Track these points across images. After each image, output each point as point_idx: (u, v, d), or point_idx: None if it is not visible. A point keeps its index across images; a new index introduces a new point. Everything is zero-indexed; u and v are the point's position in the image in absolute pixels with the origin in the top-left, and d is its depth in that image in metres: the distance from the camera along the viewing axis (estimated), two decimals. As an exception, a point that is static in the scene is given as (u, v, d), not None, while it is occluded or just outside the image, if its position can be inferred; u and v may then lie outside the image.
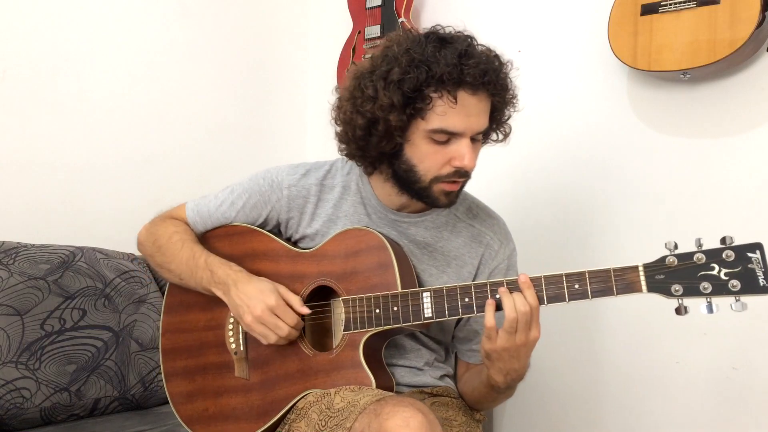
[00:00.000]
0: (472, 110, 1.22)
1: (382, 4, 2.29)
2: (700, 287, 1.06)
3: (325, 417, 1.15)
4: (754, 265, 1.03)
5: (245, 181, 1.45)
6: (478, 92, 1.21)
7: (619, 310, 1.93)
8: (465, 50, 1.21)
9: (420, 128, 1.24)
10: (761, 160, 1.74)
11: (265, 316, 1.26)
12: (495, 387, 1.28)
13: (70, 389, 1.66)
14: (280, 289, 1.30)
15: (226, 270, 1.34)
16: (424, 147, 1.25)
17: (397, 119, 1.22)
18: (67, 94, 2.06)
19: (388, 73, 1.22)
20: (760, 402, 1.74)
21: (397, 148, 1.27)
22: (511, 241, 1.44)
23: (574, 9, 2.05)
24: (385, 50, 1.27)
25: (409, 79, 1.20)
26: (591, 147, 2.00)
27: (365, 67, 1.28)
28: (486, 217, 1.44)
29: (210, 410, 1.38)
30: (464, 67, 1.19)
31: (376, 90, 1.23)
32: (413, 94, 1.20)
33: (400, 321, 1.23)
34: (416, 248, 1.38)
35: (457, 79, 1.19)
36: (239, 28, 2.52)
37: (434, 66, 1.19)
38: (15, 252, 1.72)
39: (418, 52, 1.21)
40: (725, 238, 1.05)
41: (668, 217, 1.85)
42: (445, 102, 1.20)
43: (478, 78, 1.19)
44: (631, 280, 1.09)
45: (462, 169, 1.25)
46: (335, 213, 1.39)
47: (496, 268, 1.40)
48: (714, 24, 1.64)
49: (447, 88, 1.19)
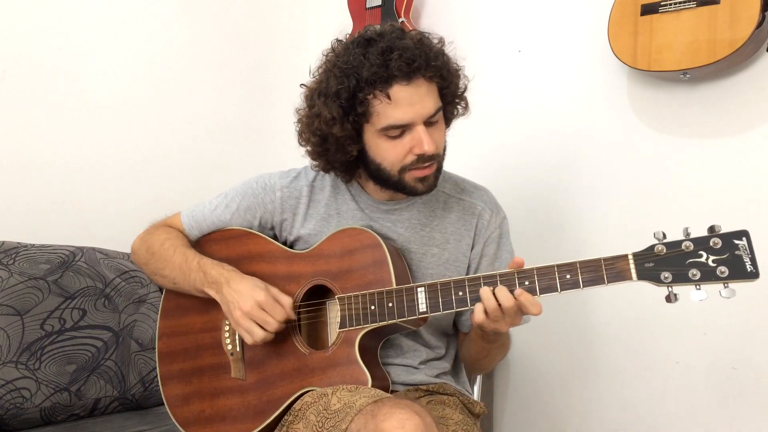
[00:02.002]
0: (413, 98, 1.24)
1: (382, 4, 2.29)
2: (688, 274, 1.07)
3: (323, 418, 1.16)
4: (741, 252, 1.05)
5: (238, 186, 1.48)
6: (413, 80, 1.23)
7: (619, 310, 1.93)
8: (387, 46, 1.22)
9: (370, 130, 1.27)
10: (761, 160, 1.74)
11: (254, 311, 1.28)
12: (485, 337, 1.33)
13: (70, 389, 1.66)
14: (270, 288, 1.32)
15: (218, 270, 1.36)
16: (382, 144, 1.28)
17: (341, 131, 1.26)
18: (67, 94, 2.06)
19: (326, 88, 1.27)
20: (760, 402, 1.74)
21: (359, 153, 1.31)
22: (501, 210, 1.47)
23: (574, 9, 2.05)
24: (323, 65, 1.31)
25: (342, 89, 1.23)
26: (591, 147, 2.00)
27: (311, 86, 1.33)
28: (473, 189, 1.47)
29: (206, 412, 1.38)
30: (389, 62, 1.21)
31: (319, 106, 1.27)
32: (350, 102, 1.24)
33: (395, 317, 1.24)
34: (414, 231, 1.39)
35: (386, 76, 1.21)
36: (239, 28, 2.52)
37: (361, 70, 1.22)
38: (15, 252, 1.73)
39: (346, 60, 1.24)
40: (713, 227, 1.07)
41: (667, 215, 1.85)
42: (382, 101, 1.23)
43: (406, 68, 1.21)
44: (621, 269, 1.11)
45: (424, 154, 1.27)
46: (327, 211, 1.41)
47: (489, 237, 1.43)
48: (714, 24, 1.63)
49: (378, 88, 1.22)
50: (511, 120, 2.15)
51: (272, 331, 1.28)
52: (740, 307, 1.66)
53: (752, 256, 1.05)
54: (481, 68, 2.20)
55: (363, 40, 1.26)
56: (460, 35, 2.27)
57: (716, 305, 1.21)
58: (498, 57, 2.19)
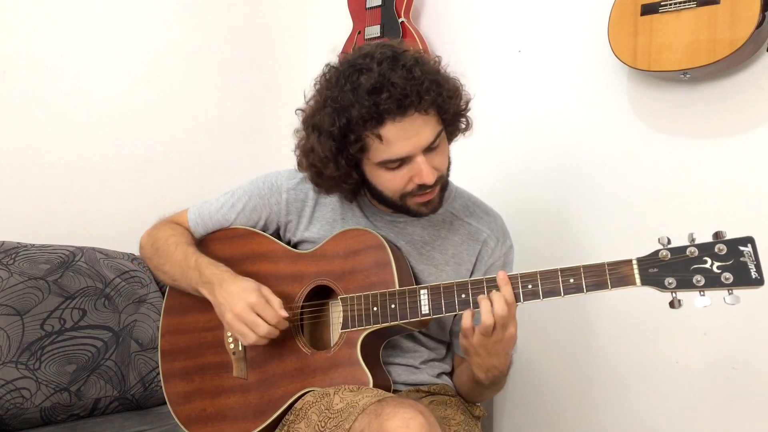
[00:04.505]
0: (408, 132, 1.20)
1: (382, 4, 2.29)
2: (693, 280, 1.07)
3: (325, 418, 1.15)
4: (746, 258, 1.05)
5: (245, 185, 1.46)
6: (406, 116, 1.18)
7: (619, 310, 1.93)
8: (376, 84, 1.17)
9: (368, 163, 1.25)
10: (761, 160, 1.74)
11: (244, 314, 1.26)
12: (479, 382, 1.30)
13: (70, 389, 1.66)
14: (263, 289, 1.29)
15: (212, 270, 1.34)
16: (381, 176, 1.26)
17: (335, 170, 1.25)
18: (67, 94, 2.06)
19: (319, 122, 1.24)
20: (760, 402, 1.74)
21: (359, 181, 1.29)
22: (508, 239, 1.45)
23: (574, 9, 2.05)
24: (317, 94, 1.27)
25: (335, 129, 1.20)
26: (591, 147, 2.00)
27: (306, 113, 1.30)
28: (483, 215, 1.45)
29: (208, 410, 1.38)
30: (379, 104, 1.16)
31: (313, 141, 1.25)
32: (343, 142, 1.22)
33: (398, 318, 1.24)
34: (414, 247, 1.38)
35: (377, 117, 1.17)
36: (239, 28, 2.52)
37: (351, 110, 1.18)
38: (15, 252, 1.72)
39: (336, 98, 1.21)
40: (718, 233, 1.07)
41: (667, 216, 1.85)
42: (374, 140, 1.20)
43: (397, 107, 1.17)
44: (624, 274, 1.10)
45: (424, 184, 1.25)
46: (333, 216, 1.41)
47: (492, 265, 1.41)
48: (714, 24, 1.64)
49: (369, 129, 1.19)
50: (511, 120, 2.15)
51: (262, 335, 1.26)
52: (740, 307, 1.63)
53: (757, 263, 1.04)
54: (480, 68, 2.21)
55: (353, 71, 1.20)
56: (460, 35, 2.28)
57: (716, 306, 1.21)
58: (498, 57, 2.19)
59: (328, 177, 1.28)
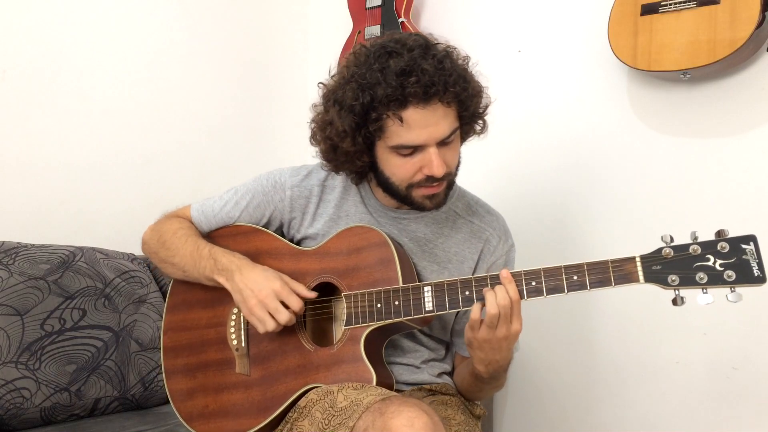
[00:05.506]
0: (428, 121, 1.21)
1: (382, 4, 2.29)
2: (696, 277, 1.08)
3: (329, 415, 1.15)
4: (749, 256, 1.06)
5: (249, 182, 1.46)
6: (429, 104, 1.20)
7: (619, 310, 1.93)
8: (406, 67, 1.18)
9: (382, 146, 1.26)
10: (761, 160, 1.74)
11: (268, 300, 1.27)
12: (479, 377, 1.31)
13: (70, 389, 1.66)
14: (283, 276, 1.31)
15: (229, 257, 1.35)
16: (392, 160, 1.26)
17: (351, 145, 1.25)
18: (67, 94, 2.06)
19: (341, 97, 1.24)
20: (760, 402, 1.74)
21: (369, 163, 1.30)
22: (509, 238, 1.46)
23: (574, 9, 2.05)
24: (343, 70, 1.28)
25: (357, 104, 1.21)
26: (591, 147, 2.00)
27: (328, 87, 1.30)
28: (485, 214, 1.46)
29: (210, 407, 1.38)
30: (406, 86, 1.17)
31: (333, 114, 1.25)
32: (364, 118, 1.22)
33: (401, 315, 1.24)
34: (417, 245, 1.39)
35: (401, 99, 1.18)
36: (239, 28, 2.52)
37: (377, 89, 1.19)
38: (15, 252, 1.72)
39: (363, 74, 1.21)
40: (720, 231, 1.08)
41: (668, 216, 1.85)
42: (395, 121, 1.21)
43: (423, 93, 1.18)
44: (628, 271, 1.11)
45: (433, 176, 1.25)
46: (337, 213, 1.40)
47: (494, 263, 1.42)
48: (714, 24, 1.64)
49: (392, 109, 1.19)
50: (511, 120, 2.15)
51: (283, 322, 1.27)
52: (740, 307, 1.64)
53: (759, 261, 1.06)
54: (480, 68, 2.21)
55: (384, 53, 1.21)
56: (460, 35, 2.27)
57: (717, 306, 1.21)
58: (498, 57, 2.19)
59: (342, 152, 1.28)
